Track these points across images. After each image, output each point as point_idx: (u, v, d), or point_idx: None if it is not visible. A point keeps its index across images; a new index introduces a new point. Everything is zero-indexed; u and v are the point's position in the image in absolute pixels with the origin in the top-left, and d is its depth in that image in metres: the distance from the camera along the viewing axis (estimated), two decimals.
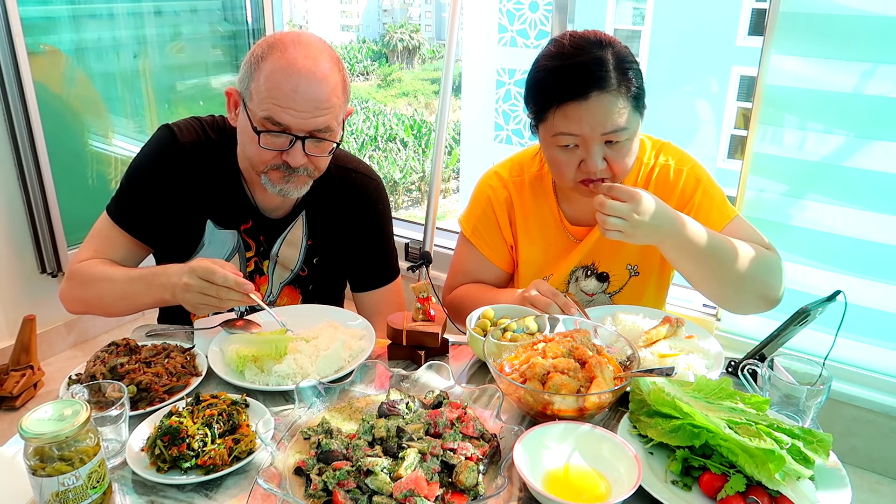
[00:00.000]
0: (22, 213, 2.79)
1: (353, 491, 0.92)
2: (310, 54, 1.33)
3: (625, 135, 1.33)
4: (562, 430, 1.04)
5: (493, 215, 1.60)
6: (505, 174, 1.61)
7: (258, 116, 1.33)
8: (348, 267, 1.67)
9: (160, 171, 1.48)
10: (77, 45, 2.88)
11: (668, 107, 10.85)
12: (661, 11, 11.33)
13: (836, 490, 0.97)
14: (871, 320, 2.25)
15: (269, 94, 1.31)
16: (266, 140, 1.34)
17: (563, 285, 1.60)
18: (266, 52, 1.33)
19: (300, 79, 1.30)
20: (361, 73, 28.04)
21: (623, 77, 1.31)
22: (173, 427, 1.02)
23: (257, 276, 1.59)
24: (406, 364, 1.33)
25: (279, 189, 1.41)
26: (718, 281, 1.39)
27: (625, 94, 1.31)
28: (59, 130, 2.79)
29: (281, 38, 1.36)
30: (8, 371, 2.67)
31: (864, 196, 2.17)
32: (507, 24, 6.69)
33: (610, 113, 1.30)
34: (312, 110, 1.32)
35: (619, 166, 1.37)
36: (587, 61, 1.31)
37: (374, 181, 1.63)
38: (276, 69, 1.31)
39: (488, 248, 1.62)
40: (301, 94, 1.30)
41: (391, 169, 19.03)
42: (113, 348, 1.29)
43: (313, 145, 1.37)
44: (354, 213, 1.60)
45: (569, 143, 1.35)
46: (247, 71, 1.36)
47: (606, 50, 1.32)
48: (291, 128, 1.33)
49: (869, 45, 2.04)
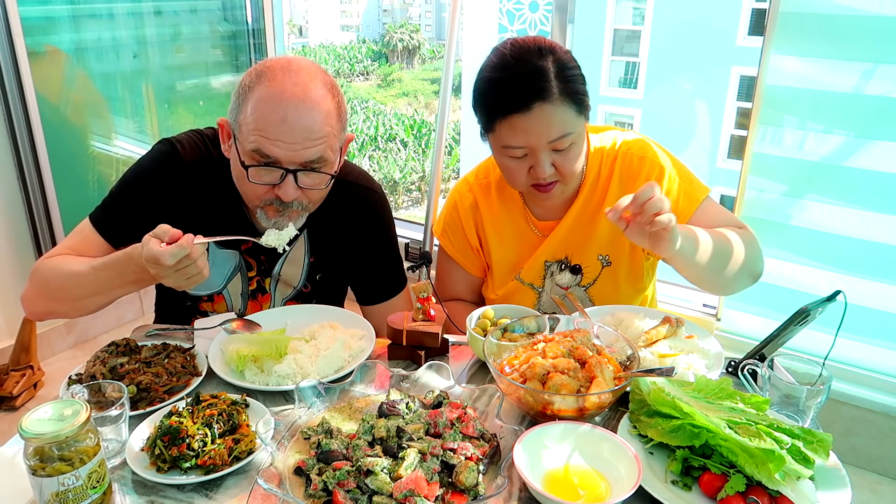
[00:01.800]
0: (22, 212, 2.79)
1: (353, 491, 0.92)
2: (300, 81, 1.27)
3: (570, 140, 1.36)
4: (562, 430, 1.04)
5: (460, 221, 1.63)
6: (472, 179, 1.64)
7: (247, 149, 1.27)
8: (355, 281, 1.65)
9: (159, 187, 1.42)
10: (77, 45, 2.88)
11: (668, 107, 10.86)
12: (661, 11, 11.34)
13: (836, 490, 0.97)
14: (871, 320, 2.25)
15: (256, 126, 1.25)
16: (255, 175, 1.29)
17: (538, 280, 1.62)
18: (254, 82, 1.28)
19: (289, 107, 1.24)
20: (361, 73, 28.04)
21: (565, 85, 1.33)
22: (173, 427, 1.02)
23: (259, 294, 1.57)
24: (406, 364, 1.33)
25: (274, 222, 1.35)
26: (718, 276, 1.42)
27: (567, 102, 1.33)
28: (58, 130, 2.79)
29: (270, 65, 1.30)
30: (8, 371, 2.68)
31: (864, 196, 2.17)
32: (507, 24, 6.69)
33: (554, 122, 1.32)
34: (303, 141, 1.26)
35: (566, 170, 1.39)
36: (527, 72, 1.32)
37: (375, 193, 1.59)
38: (263, 98, 1.25)
39: (457, 253, 1.66)
40: (290, 123, 1.24)
41: (391, 169, 19.04)
42: (113, 348, 1.29)
43: (307, 178, 1.31)
44: (357, 228, 1.57)
45: (516, 155, 1.38)
46: (235, 101, 1.31)
47: (547, 58, 1.33)
48: (281, 161, 1.27)
49: (869, 45, 2.04)
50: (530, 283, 1.62)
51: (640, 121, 11.79)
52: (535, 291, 1.63)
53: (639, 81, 11.89)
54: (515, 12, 6.55)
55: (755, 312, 2.44)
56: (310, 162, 1.29)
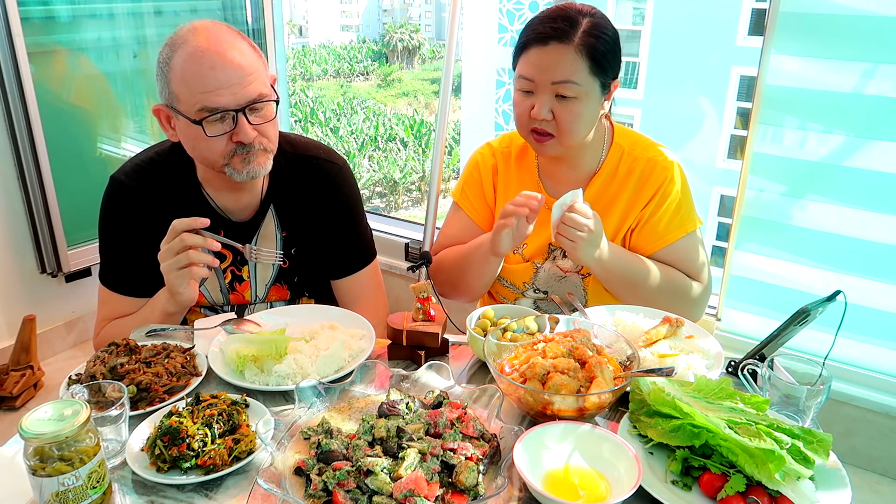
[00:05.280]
0: (22, 213, 2.79)
1: (353, 491, 0.92)
2: (209, 34, 1.33)
3: (573, 90, 1.41)
4: (562, 430, 1.04)
5: (479, 178, 1.70)
6: (495, 144, 1.72)
7: (193, 111, 1.32)
8: (324, 255, 1.65)
9: (119, 224, 1.51)
10: (77, 44, 2.88)
11: (667, 107, 10.85)
12: (661, 11, 11.33)
13: (836, 490, 0.97)
14: (871, 320, 2.25)
15: (192, 87, 1.31)
16: (210, 128, 1.33)
17: (540, 257, 1.64)
18: (170, 53, 1.34)
19: (212, 57, 1.30)
20: (361, 73, 28.03)
21: (587, 39, 1.40)
22: (173, 427, 1.02)
23: (237, 283, 1.58)
24: (406, 364, 1.33)
25: (245, 172, 1.39)
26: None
27: (584, 55, 1.40)
28: (59, 130, 2.79)
29: (175, 37, 1.35)
30: (8, 371, 2.67)
31: (863, 196, 2.17)
32: (507, 24, 6.69)
33: (563, 64, 1.40)
34: (239, 80, 1.32)
35: (564, 123, 1.44)
36: (560, 16, 1.43)
37: (335, 165, 1.61)
38: (185, 60, 1.31)
39: (472, 209, 1.71)
40: (220, 69, 1.30)
41: (391, 169, 19.03)
42: (113, 348, 1.29)
43: (255, 117, 1.37)
44: (320, 200, 1.59)
45: (525, 88, 1.46)
46: (162, 80, 1.36)
47: (585, 17, 1.43)
48: (228, 106, 1.32)
49: (869, 45, 2.04)
50: (531, 259, 1.64)
51: (640, 121, 11.78)
52: (534, 266, 1.65)
53: (639, 81, 11.89)
54: (515, 12, 6.54)
55: (755, 312, 2.44)
56: (252, 101, 1.34)
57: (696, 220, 1.58)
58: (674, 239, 1.56)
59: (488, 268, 1.58)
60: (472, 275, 1.61)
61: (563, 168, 1.60)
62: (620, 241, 1.59)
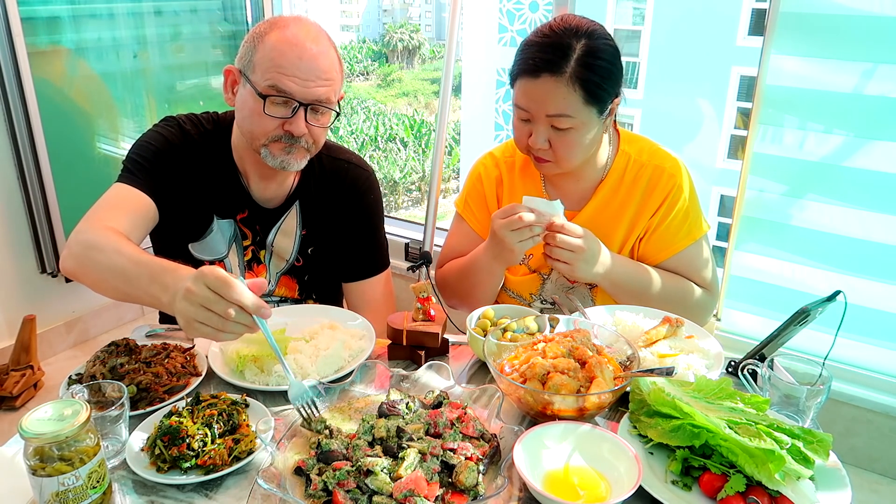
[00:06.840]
0: (22, 213, 2.79)
1: (353, 491, 0.92)
2: (311, 32, 1.40)
3: (568, 122, 1.38)
4: (562, 430, 1.04)
5: (482, 189, 1.67)
6: (498, 154, 1.68)
7: (262, 86, 1.36)
8: (340, 257, 1.68)
9: (171, 156, 1.49)
10: (77, 44, 2.88)
11: (668, 107, 10.84)
12: (661, 11, 11.32)
13: (836, 490, 0.97)
14: (871, 320, 2.25)
15: (273, 63, 1.35)
16: (270, 107, 1.37)
17: (546, 267, 1.63)
18: (268, 28, 1.39)
19: (304, 49, 1.36)
20: (361, 73, 28.01)
21: (581, 70, 1.34)
22: (173, 427, 1.02)
23: (255, 264, 1.61)
24: (406, 364, 1.33)
25: (280, 161, 1.43)
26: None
27: (577, 86, 1.35)
28: (59, 130, 2.79)
29: (281, 18, 1.43)
30: (8, 371, 2.67)
31: (864, 196, 2.17)
32: (507, 24, 6.69)
33: (554, 98, 1.36)
34: (315, 79, 1.37)
35: (560, 153, 1.43)
36: (552, 45, 1.37)
37: (365, 171, 1.66)
38: (280, 40, 1.37)
39: (476, 222, 1.68)
40: (305, 62, 1.36)
41: (391, 169, 19.02)
42: (113, 348, 1.29)
43: (314, 117, 1.41)
44: (346, 204, 1.63)
45: (522, 117, 1.44)
46: (249, 47, 1.40)
47: (580, 40, 1.36)
48: (295, 95, 1.36)
49: (869, 45, 2.04)
50: (537, 270, 1.64)
51: (640, 121, 11.78)
52: (540, 278, 1.64)
53: (639, 81, 11.89)
54: (515, 12, 6.54)
55: (755, 312, 2.44)
56: (319, 101, 1.39)
57: (704, 225, 1.57)
58: (682, 247, 1.55)
59: (492, 278, 1.58)
60: (478, 286, 1.60)
61: (568, 179, 1.58)
62: (629, 250, 1.58)
